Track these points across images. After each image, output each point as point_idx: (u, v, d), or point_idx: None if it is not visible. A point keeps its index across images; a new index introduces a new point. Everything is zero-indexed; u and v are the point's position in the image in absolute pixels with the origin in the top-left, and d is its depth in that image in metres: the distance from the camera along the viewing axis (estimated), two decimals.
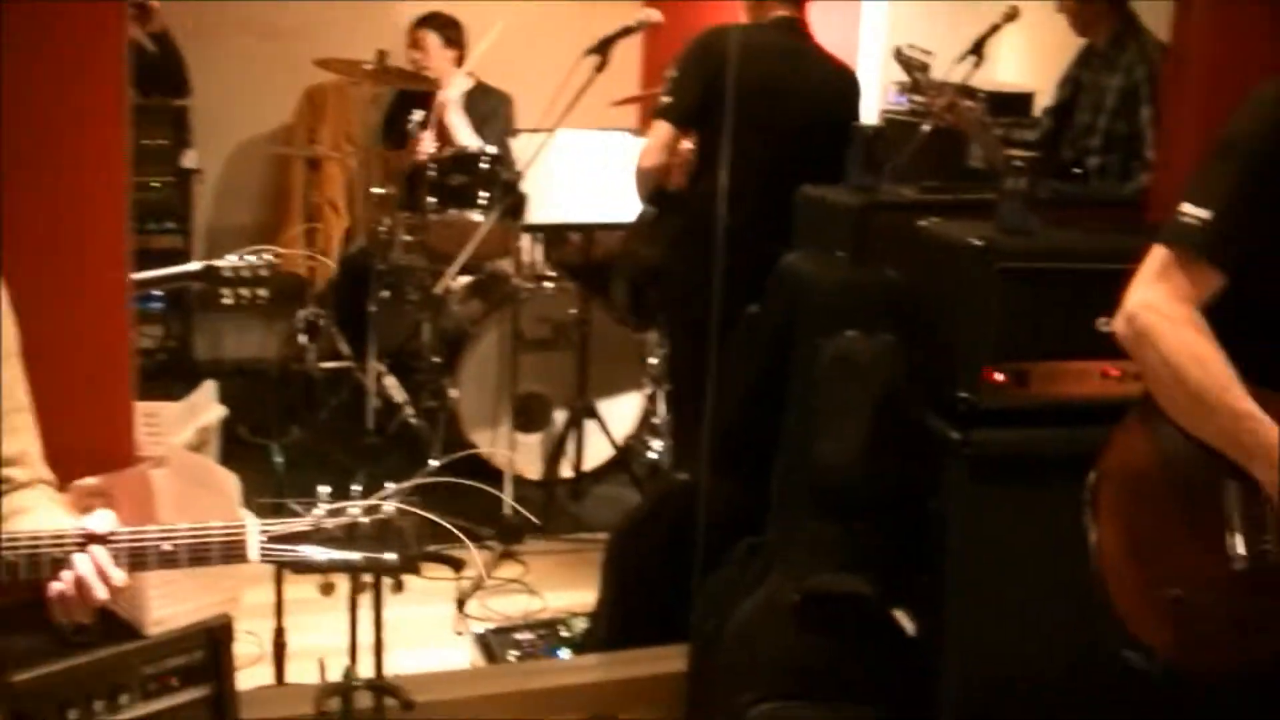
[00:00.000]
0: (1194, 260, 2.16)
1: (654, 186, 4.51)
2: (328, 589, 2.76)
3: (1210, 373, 2.13)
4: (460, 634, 4.31)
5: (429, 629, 4.28)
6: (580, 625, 4.21)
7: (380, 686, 3.06)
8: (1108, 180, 4.56)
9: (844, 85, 4.57)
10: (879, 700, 3.26)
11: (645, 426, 5.57)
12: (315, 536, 2.20)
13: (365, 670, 3.11)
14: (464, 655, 4.21)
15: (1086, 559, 2.26)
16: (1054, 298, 3.10)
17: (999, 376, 3.07)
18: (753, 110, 4.25)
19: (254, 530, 2.14)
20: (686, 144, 4.52)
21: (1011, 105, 5.40)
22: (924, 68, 4.30)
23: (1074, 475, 2.32)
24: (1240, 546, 2.14)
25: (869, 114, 5.18)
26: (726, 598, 3.25)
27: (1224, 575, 2.14)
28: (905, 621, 3.34)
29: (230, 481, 3.05)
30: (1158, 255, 2.21)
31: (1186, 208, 2.18)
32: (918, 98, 5.22)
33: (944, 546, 3.13)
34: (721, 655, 3.23)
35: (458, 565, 3.27)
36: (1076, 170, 4.61)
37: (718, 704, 3.23)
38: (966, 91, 4.76)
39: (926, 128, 4.19)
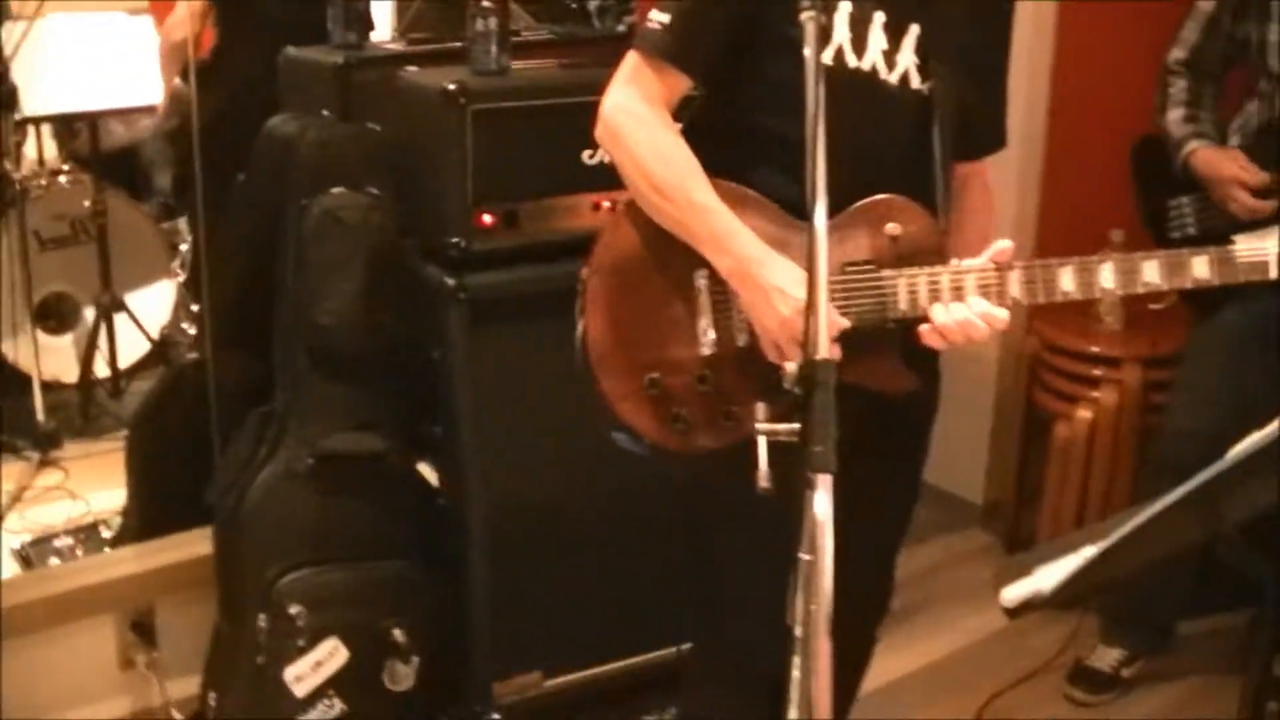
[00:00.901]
0: (657, 63, 2.25)
1: (183, 61, 4.35)
2: None
3: (671, 167, 2.23)
4: None
5: None
6: (120, 523, 4.09)
7: None
8: (608, 20, 4.62)
9: None
10: (412, 555, 3.28)
11: (183, 314, 5.41)
12: None
13: None
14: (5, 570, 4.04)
15: None
16: (534, 134, 3.12)
17: (487, 219, 3.09)
18: None
19: None
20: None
21: None
22: None
23: (572, 308, 2.35)
24: (709, 331, 2.26)
25: None
26: (244, 471, 3.19)
27: (696, 358, 2.26)
28: (429, 473, 3.36)
29: None
30: (629, 60, 2.29)
31: (653, 14, 2.26)
32: None
33: (452, 394, 3.16)
34: (245, 530, 3.18)
35: None
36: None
37: (248, 580, 3.18)
38: None
39: None
